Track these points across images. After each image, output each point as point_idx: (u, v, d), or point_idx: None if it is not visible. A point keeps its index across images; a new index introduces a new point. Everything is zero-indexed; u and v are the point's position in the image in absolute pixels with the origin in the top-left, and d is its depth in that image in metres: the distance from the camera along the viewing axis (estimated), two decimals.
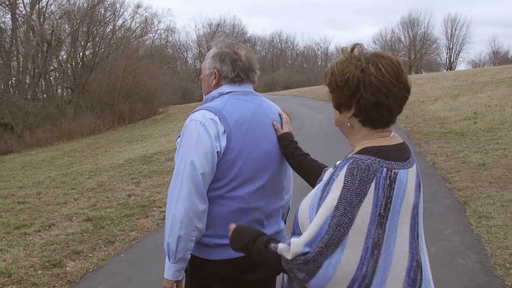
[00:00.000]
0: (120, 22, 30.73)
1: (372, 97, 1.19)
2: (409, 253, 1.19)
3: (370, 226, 1.14)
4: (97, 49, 27.37)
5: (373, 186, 1.14)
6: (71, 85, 25.56)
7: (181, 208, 1.56)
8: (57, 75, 27.21)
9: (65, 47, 26.05)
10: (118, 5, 29.84)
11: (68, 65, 26.96)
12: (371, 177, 1.15)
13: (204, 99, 1.81)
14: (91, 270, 4.01)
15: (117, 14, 30.07)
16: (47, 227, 5.24)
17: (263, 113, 1.73)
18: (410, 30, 55.84)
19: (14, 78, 23.60)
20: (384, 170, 1.17)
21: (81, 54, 27.15)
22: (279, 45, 59.53)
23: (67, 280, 3.81)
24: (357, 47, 1.25)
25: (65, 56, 26.95)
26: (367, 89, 1.19)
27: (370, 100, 1.19)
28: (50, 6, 25.71)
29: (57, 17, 25.30)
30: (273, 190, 1.74)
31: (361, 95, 1.19)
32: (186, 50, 52.81)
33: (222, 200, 1.63)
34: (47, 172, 9.92)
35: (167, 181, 7.16)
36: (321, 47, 62.16)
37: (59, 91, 27.65)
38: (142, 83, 24.63)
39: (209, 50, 1.78)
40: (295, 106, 19.42)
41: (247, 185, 1.64)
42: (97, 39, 27.33)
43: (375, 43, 55.66)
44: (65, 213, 5.76)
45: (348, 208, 1.13)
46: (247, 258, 1.38)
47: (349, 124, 1.27)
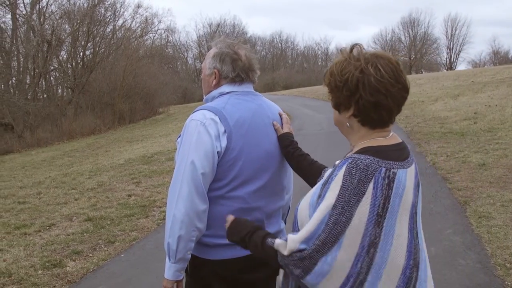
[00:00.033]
0: (120, 22, 30.79)
1: (371, 97, 1.19)
2: (406, 251, 1.20)
3: (368, 225, 1.14)
4: (97, 49, 27.37)
5: (371, 186, 1.15)
6: (71, 85, 25.56)
7: (182, 208, 1.56)
8: (58, 75, 27.25)
9: (65, 47, 26.07)
10: (118, 5, 29.90)
11: (69, 65, 26.96)
12: (370, 176, 1.15)
13: (204, 99, 1.81)
14: (91, 270, 4.02)
15: (117, 14, 30.13)
16: (47, 227, 5.24)
17: (263, 113, 1.73)
18: (410, 30, 55.90)
19: (14, 78, 23.60)
20: (383, 169, 1.17)
21: (81, 54, 27.16)
22: (279, 45, 59.64)
23: (67, 280, 3.81)
24: (356, 47, 1.25)
25: (65, 56, 27.00)
26: (366, 90, 1.19)
27: (369, 100, 1.20)
28: (50, 6, 25.76)
29: (57, 17, 25.32)
30: (274, 190, 1.74)
31: (360, 95, 1.20)
32: (186, 50, 52.94)
33: (222, 200, 1.63)
34: (47, 172, 9.92)
35: (167, 181, 7.16)
36: (321, 47, 62.27)
37: (59, 91, 27.67)
38: (142, 83, 24.64)
39: (209, 50, 1.78)
40: (295, 106, 19.43)
41: (248, 185, 1.64)
42: (97, 39, 27.33)
43: (375, 43, 55.77)
44: (65, 213, 5.76)
45: (346, 207, 1.14)
46: (247, 258, 1.38)
47: (348, 124, 1.28)
